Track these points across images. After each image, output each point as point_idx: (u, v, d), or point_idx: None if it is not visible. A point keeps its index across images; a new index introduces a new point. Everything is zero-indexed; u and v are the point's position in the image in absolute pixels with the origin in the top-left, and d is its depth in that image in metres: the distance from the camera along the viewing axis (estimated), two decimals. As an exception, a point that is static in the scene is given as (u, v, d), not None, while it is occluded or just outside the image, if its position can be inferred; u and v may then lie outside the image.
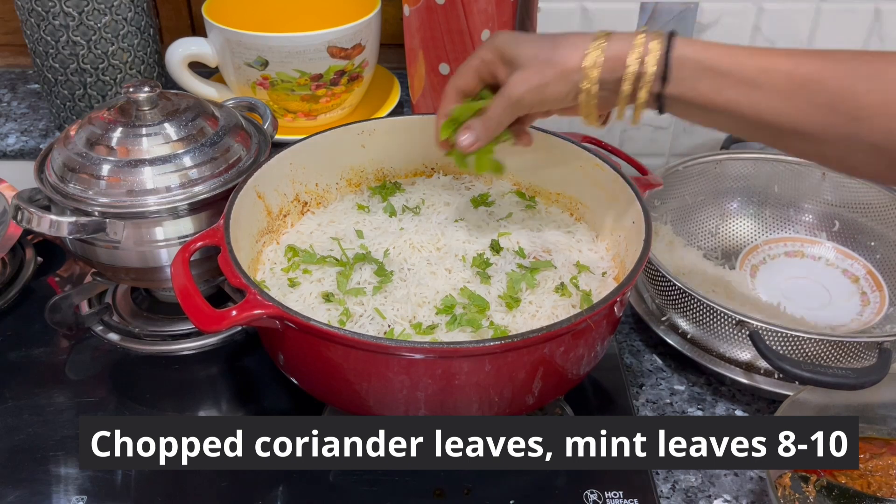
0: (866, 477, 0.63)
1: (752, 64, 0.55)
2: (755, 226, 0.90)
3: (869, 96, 0.51)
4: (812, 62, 0.53)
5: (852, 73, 0.52)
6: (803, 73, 0.53)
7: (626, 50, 0.57)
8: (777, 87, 0.54)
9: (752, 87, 0.55)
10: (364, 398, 0.61)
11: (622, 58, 0.57)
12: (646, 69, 0.57)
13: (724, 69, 0.55)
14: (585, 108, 0.60)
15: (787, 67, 0.54)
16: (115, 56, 0.95)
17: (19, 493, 0.65)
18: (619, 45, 0.58)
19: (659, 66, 0.57)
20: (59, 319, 0.77)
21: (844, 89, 0.52)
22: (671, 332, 0.77)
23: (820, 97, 0.53)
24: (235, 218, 0.66)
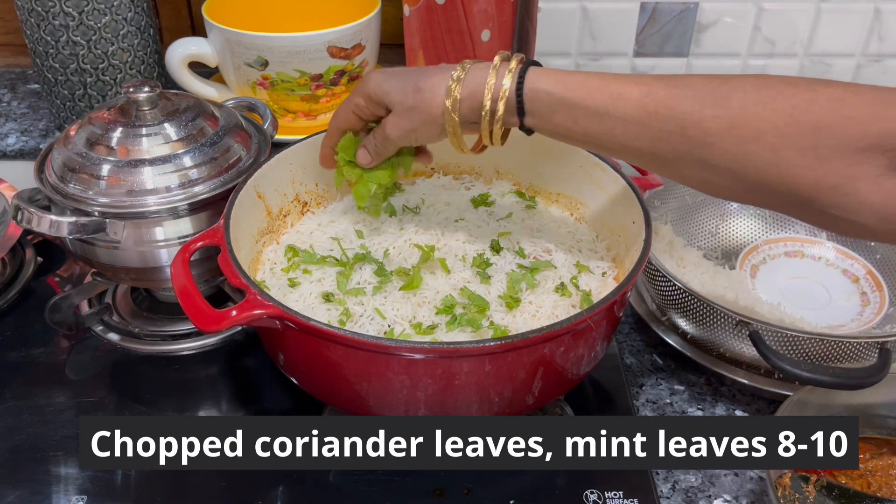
0: (866, 477, 0.63)
1: (603, 94, 0.56)
2: (755, 226, 0.90)
3: (715, 122, 0.52)
4: (661, 89, 0.54)
5: (699, 99, 0.53)
6: (652, 101, 0.54)
7: (482, 89, 0.59)
8: (628, 115, 0.55)
9: (604, 117, 0.56)
10: (364, 398, 0.61)
11: (479, 97, 0.59)
12: (498, 107, 0.59)
13: (575, 101, 0.56)
14: (454, 142, 0.63)
15: (636, 96, 0.55)
16: (115, 56, 0.95)
17: (19, 493, 0.65)
18: (474, 83, 0.59)
19: (509, 103, 0.59)
20: (59, 319, 0.77)
21: (692, 115, 0.53)
22: (671, 332, 0.77)
23: (669, 124, 0.54)
24: (235, 218, 0.66)
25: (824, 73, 0.96)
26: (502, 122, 0.60)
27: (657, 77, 0.56)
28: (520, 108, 0.59)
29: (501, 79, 0.59)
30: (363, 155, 0.69)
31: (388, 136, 0.65)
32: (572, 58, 0.95)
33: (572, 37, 0.92)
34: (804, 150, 0.50)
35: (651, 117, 0.54)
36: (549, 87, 0.57)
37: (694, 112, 0.53)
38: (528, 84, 0.58)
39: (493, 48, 0.93)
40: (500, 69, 0.59)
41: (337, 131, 0.69)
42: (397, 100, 0.63)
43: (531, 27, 0.93)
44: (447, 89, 0.60)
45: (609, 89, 0.56)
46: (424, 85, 0.61)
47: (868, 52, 0.95)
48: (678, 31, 0.92)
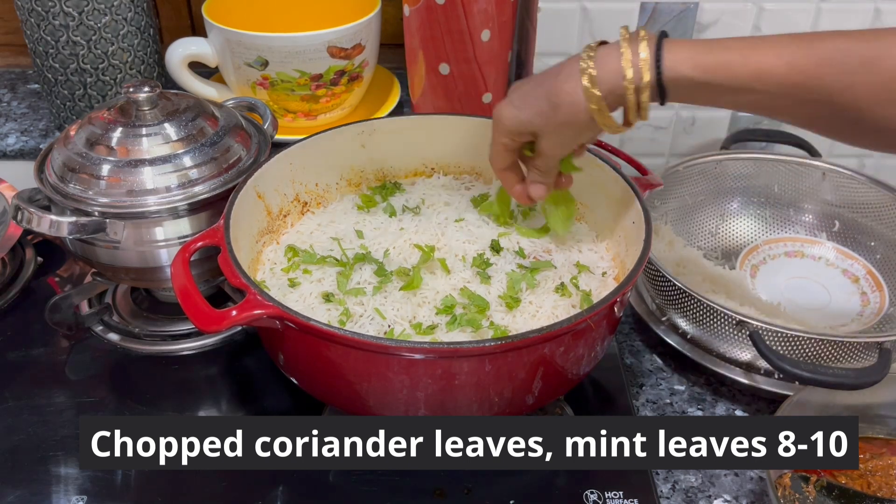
0: (866, 477, 0.63)
1: (745, 71, 0.55)
2: (755, 226, 0.90)
3: (865, 88, 0.52)
4: (804, 58, 0.53)
5: (846, 66, 0.52)
6: (798, 73, 0.53)
7: (620, 83, 0.57)
8: (773, 89, 0.55)
9: (749, 93, 0.55)
10: (364, 398, 0.61)
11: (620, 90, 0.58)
12: (642, 99, 0.58)
13: (717, 82, 0.55)
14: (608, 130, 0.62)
15: (781, 70, 0.54)
16: (115, 56, 0.95)
17: (19, 493, 0.65)
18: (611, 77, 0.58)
19: (652, 93, 0.57)
20: (59, 319, 0.77)
21: (840, 83, 0.53)
22: (671, 332, 0.77)
23: (817, 94, 0.53)
24: (235, 218, 0.66)
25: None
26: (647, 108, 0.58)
27: (797, 41, 0.54)
28: (661, 94, 0.57)
29: (638, 69, 0.57)
30: (536, 189, 0.68)
31: (551, 155, 0.64)
32: (572, 58, 0.95)
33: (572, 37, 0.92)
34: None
35: (798, 88, 0.54)
36: (688, 71, 0.56)
37: (842, 80, 0.52)
38: (667, 72, 0.56)
39: (493, 48, 0.93)
40: (633, 57, 0.57)
41: (505, 173, 0.69)
42: (541, 124, 0.62)
43: (531, 27, 0.93)
44: (586, 93, 0.58)
45: (751, 65, 0.54)
46: (560, 99, 0.60)
47: (868, 52, 0.95)
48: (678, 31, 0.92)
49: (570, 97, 0.59)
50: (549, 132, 0.62)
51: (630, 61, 0.57)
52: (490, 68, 0.95)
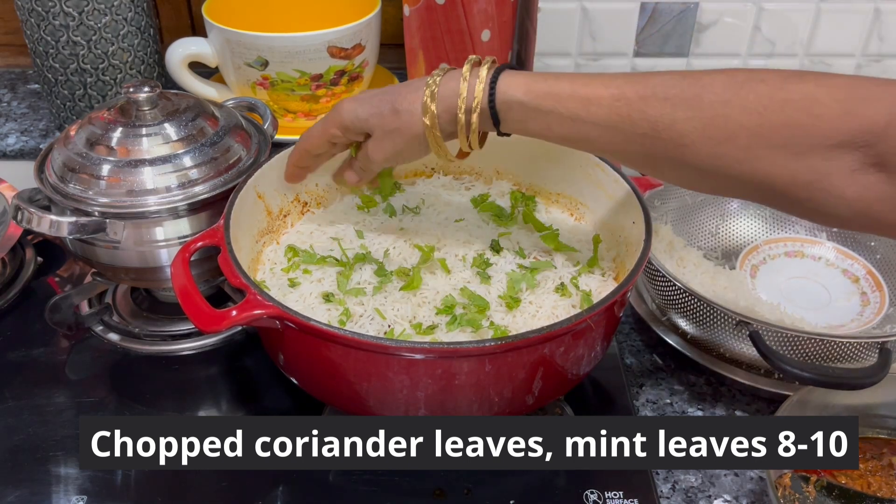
0: (866, 477, 0.63)
1: (574, 100, 0.55)
2: (755, 226, 0.90)
3: (688, 123, 0.52)
4: (632, 91, 0.54)
5: (670, 101, 0.52)
6: (624, 105, 0.54)
7: (454, 100, 0.59)
8: (600, 120, 0.55)
9: (577, 122, 0.56)
10: (364, 398, 0.61)
11: (454, 109, 0.59)
12: (472, 119, 0.59)
13: (547, 109, 0.56)
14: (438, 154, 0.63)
15: (607, 101, 0.54)
16: (115, 56, 0.95)
17: (19, 493, 0.65)
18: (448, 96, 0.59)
19: (483, 115, 0.59)
20: (59, 319, 0.77)
21: (664, 118, 0.52)
22: (671, 332, 0.77)
23: (641, 127, 0.53)
24: (235, 218, 0.66)
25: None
26: (478, 131, 0.60)
27: (627, 77, 0.55)
28: (494, 118, 0.59)
29: (473, 90, 0.58)
30: (350, 176, 0.70)
31: (373, 159, 0.65)
32: (572, 58, 0.95)
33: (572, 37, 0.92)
34: (777, 149, 0.50)
35: (624, 121, 0.54)
36: (519, 96, 0.57)
37: (666, 115, 0.52)
38: (500, 95, 0.58)
39: (493, 48, 0.93)
40: (471, 79, 0.59)
41: (305, 154, 0.69)
42: (376, 124, 0.62)
43: (531, 27, 0.93)
44: (423, 106, 0.60)
45: (579, 95, 0.55)
46: (401, 106, 0.61)
47: (868, 52, 0.95)
48: (678, 31, 0.92)
49: (409, 105, 0.60)
50: (380, 136, 0.63)
51: (467, 81, 0.59)
52: (490, 68, 0.95)
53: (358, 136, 0.65)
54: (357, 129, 0.64)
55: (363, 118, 0.63)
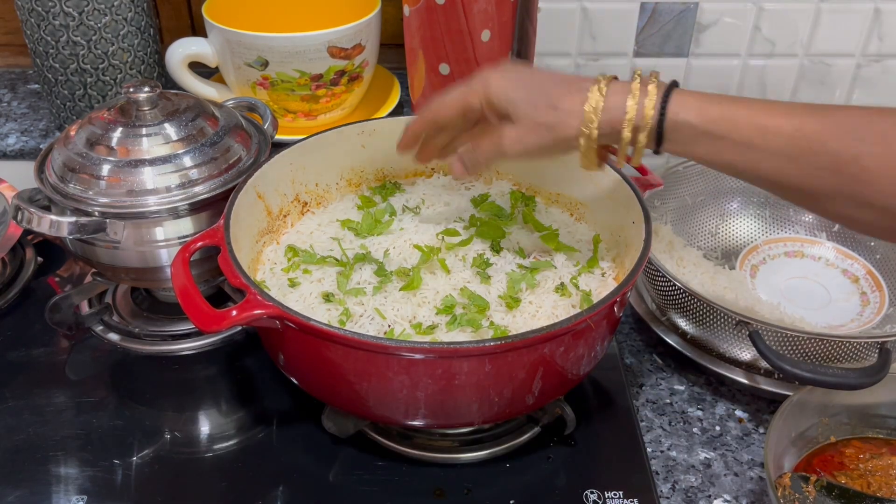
0: (866, 477, 0.63)
1: (751, 127, 0.53)
2: (755, 226, 0.90)
3: (873, 160, 0.50)
4: (814, 123, 0.51)
5: (857, 136, 0.50)
6: (804, 137, 0.52)
7: (621, 117, 0.56)
8: (778, 150, 0.53)
9: (751, 149, 0.53)
10: (364, 398, 0.61)
11: (618, 125, 0.56)
12: (639, 139, 0.56)
13: (720, 134, 0.54)
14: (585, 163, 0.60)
15: (787, 131, 0.52)
16: (115, 56, 0.95)
17: (19, 493, 0.65)
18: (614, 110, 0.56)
19: (650, 134, 0.56)
20: (59, 319, 0.77)
21: (848, 152, 0.50)
22: (671, 332, 0.77)
23: (822, 160, 0.51)
24: (235, 218, 0.66)
25: (824, 73, 0.96)
26: (643, 150, 0.57)
27: (808, 107, 0.53)
28: (659, 138, 0.56)
29: (643, 108, 0.55)
30: (459, 168, 0.65)
31: (506, 150, 0.60)
32: (572, 58, 0.95)
33: (572, 37, 0.92)
34: None
35: (803, 153, 0.52)
36: (691, 118, 0.54)
37: (850, 150, 0.50)
38: (671, 115, 0.55)
39: (493, 48, 0.93)
40: (640, 97, 0.56)
41: (432, 123, 0.64)
42: (526, 113, 0.58)
43: (531, 27, 0.93)
44: (587, 113, 0.56)
45: (757, 122, 0.53)
46: (562, 104, 0.57)
47: (868, 52, 0.95)
48: (678, 31, 0.92)
49: (570, 106, 0.57)
50: (527, 126, 0.58)
51: (636, 99, 0.56)
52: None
53: (495, 116, 0.61)
54: (501, 110, 0.59)
55: (513, 100, 0.59)
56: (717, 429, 0.71)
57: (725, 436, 0.70)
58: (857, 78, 0.97)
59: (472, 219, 0.75)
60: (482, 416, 0.62)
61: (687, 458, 0.68)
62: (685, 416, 0.72)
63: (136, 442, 0.69)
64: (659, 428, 0.71)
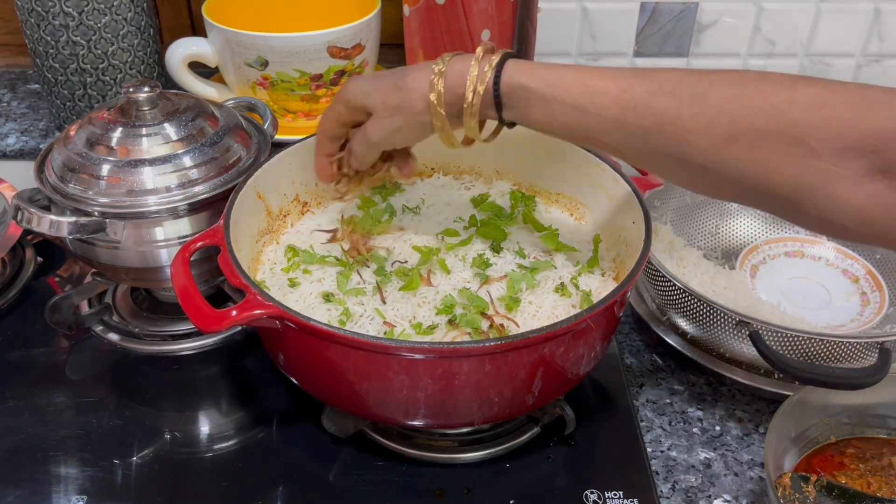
0: (866, 477, 0.63)
1: (580, 90, 0.55)
2: (755, 226, 0.90)
3: (693, 119, 0.51)
4: (639, 85, 0.53)
5: (677, 96, 0.52)
6: (629, 98, 0.53)
7: (463, 80, 0.59)
8: (605, 111, 0.54)
9: (581, 112, 0.55)
10: (364, 398, 0.61)
11: (460, 89, 0.59)
12: (475, 100, 0.59)
13: (552, 96, 0.56)
14: (443, 138, 0.63)
15: (613, 92, 0.54)
16: (115, 56, 0.95)
17: (19, 493, 0.65)
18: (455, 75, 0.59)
19: (486, 97, 0.58)
20: (59, 319, 0.77)
21: (669, 112, 0.52)
22: (671, 332, 0.77)
23: (646, 121, 0.53)
24: (235, 218, 0.66)
25: (824, 73, 0.96)
26: (479, 114, 0.60)
27: (635, 71, 0.55)
28: (497, 102, 0.58)
29: (482, 73, 0.58)
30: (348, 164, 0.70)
31: (371, 138, 0.64)
32: (572, 58, 0.95)
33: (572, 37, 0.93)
34: (782, 151, 0.49)
35: (628, 113, 0.53)
36: (524, 80, 0.57)
37: (671, 109, 0.52)
38: (505, 78, 0.57)
39: (493, 48, 0.93)
40: (482, 61, 0.59)
41: (325, 139, 0.69)
42: (378, 100, 0.62)
43: (531, 27, 0.93)
44: (430, 84, 0.59)
45: (585, 85, 0.55)
46: (405, 83, 0.61)
47: (868, 52, 0.95)
48: (678, 31, 0.92)
49: (414, 83, 0.60)
50: (381, 113, 0.62)
51: (478, 63, 0.58)
52: (490, 68, 0.95)
53: (360, 114, 0.65)
54: (359, 105, 0.64)
55: (365, 92, 0.63)
56: (717, 429, 0.71)
57: (725, 436, 0.70)
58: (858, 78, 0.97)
59: (473, 219, 0.75)
60: (482, 417, 0.62)
61: (687, 458, 0.68)
62: (685, 416, 0.72)
63: (136, 442, 0.69)
64: (659, 428, 0.71)
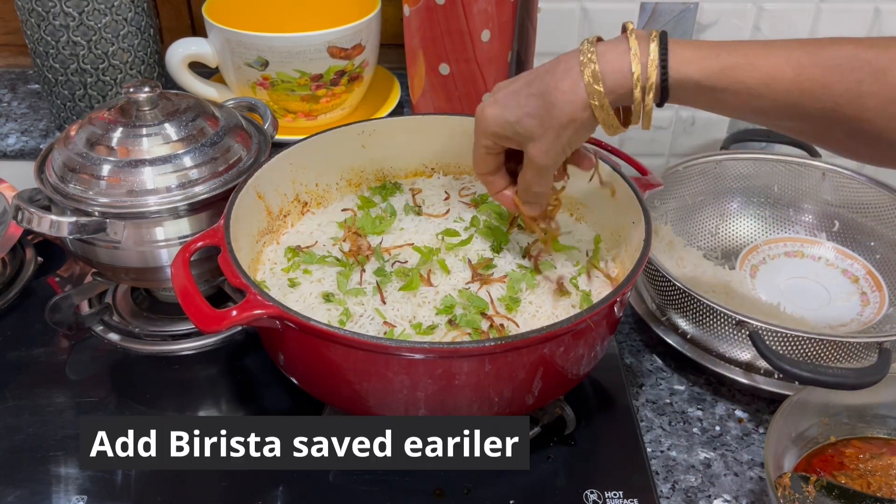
0: (866, 477, 0.63)
1: (753, 77, 0.53)
2: (755, 226, 0.90)
3: (873, 99, 0.51)
4: (814, 67, 0.52)
5: (856, 77, 0.51)
6: (807, 80, 0.52)
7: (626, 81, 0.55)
8: (780, 97, 0.53)
9: (756, 98, 0.54)
10: (364, 398, 0.61)
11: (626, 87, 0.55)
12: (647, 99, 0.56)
13: (723, 86, 0.54)
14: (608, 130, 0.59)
15: (789, 76, 0.53)
16: (115, 56, 0.95)
17: (19, 493, 0.65)
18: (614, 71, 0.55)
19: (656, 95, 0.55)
20: (59, 319, 0.77)
21: (848, 93, 0.52)
22: (671, 332, 0.77)
23: (824, 103, 0.53)
24: (235, 218, 0.66)
25: (824, 73, 0.96)
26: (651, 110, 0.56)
27: (806, 46, 0.53)
28: (663, 95, 0.56)
29: (646, 69, 0.54)
30: (530, 209, 0.66)
31: (542, 165, 0.60)
32: (572, 58, 0.95)
33: (572, 37, 0.92)
34: None
35: (805, 96, 0.53)
36: (694, 73, 0.54)
37: (851, 90, 0.52)
38: (673, 73, 0.54)
39: (493, 48, 0.93)
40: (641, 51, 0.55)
41: (488, 178, 0.66)
42: (533, 126, 0.58)
43: (531, 27, 0.93)
44: (588, 89, 0.55)
45: (760, 70, 0.53)
46: (556, 98, 0.56)
47: (868, 52, 0.95)
48: (678, 31, 0.92)
49: (567, 95, 0.56)
50: (542, 135, 0.58)
51: (639, 59, 0.55)
52: (490, 68, 0.95)
53: (509, 142, 0.61)
54: (509, 136, 0.60)
55: (514, 122, 0.59)
56: (717, 429, 0.71)
57: (725, 436, 0.70)
58: (857, 78, 0.97)
59: (473, 219, 0.75)
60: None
61: (687, 458, 0.68)
62: (685, 416, 0.72)
63: (136, 442, 0.69)
64: (659, 428, 0.71)
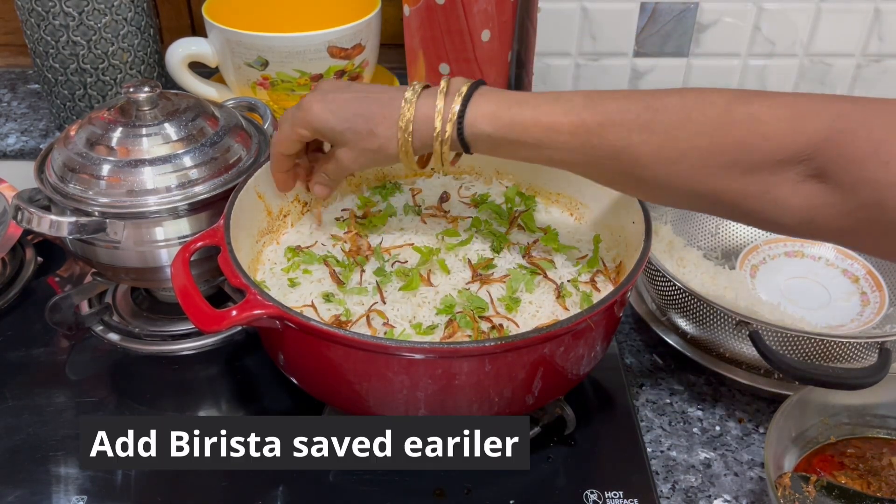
0: (866, 477, 0.63)
1: (537, 130, 0.58)
2: (755, 226, 0.90)
3: (644, 147, 0.55)
4: (590, 117, 0.56)
5: (626, 127, 0.55)
6: (584, 131, 0.57)
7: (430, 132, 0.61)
8: (563, 146, 0.58)
9: (542, 149, 0.59)
10: (364, 398, 0.61)
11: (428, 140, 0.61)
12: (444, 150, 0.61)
13: (512, 139, 0.59)
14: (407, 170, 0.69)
15: (567, 128, 0.57)
16: (115, 56, 0.95)
17: (19, 493, 0.65)
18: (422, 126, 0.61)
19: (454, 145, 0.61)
20: (59, 319, 0.77)
21: (621, 142, 0.55)
22: (671, 332, 0.77)
23: (601, 151, 0.57)
24: (235, 218, 0.66)
25: (824, 73, 0.96)
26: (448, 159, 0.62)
27: (585, 101, 0.57)
28: (464, 147, 0.61)
29: (444, 123, 0.60)
30: (320, 189, 0.70)
31: (346, 166, 0.66)
32: (572, 58, 0.95)
33: (572, 37, 0.92)
34: (726, 167, 0.53)
35: (584, 146, 0.57)
36: (485, 127, 0.59)
37: (622, 139, 0.55)
38: (468, 129, 0.60)
39: (493, 48, 0.93)
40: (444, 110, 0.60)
41: (283, 158, 0.69)
42: (351, 140, 0.63)
43: (531, 27, 0.93)
44: (399, 136, 0.61)
45: (541, 124, 0.58)
46: (378, 129, 0.62)
47: (868, 52, 0.95)
48: (678, 31, 0.92)
49: (386, 130, 0.62)
50: (356, 147, 0.64)
51: (441, 114, 0.60)
52: (490, 68, 0.95)
53: (325, 138, 0.66)
54: (328, 137, 0.65)
55: (338, 130, 0.63)
56: (717, 429, 0.71)
57: (725, 436, 0.70)
58: (857, 78, 0.97)
59: (474, 220, 0.75)
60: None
61: (687, 459, 0.68)
62: (685, 416, 0.72)
63: (136, 442, 0.69)
64: (659, 428, 0.71)
